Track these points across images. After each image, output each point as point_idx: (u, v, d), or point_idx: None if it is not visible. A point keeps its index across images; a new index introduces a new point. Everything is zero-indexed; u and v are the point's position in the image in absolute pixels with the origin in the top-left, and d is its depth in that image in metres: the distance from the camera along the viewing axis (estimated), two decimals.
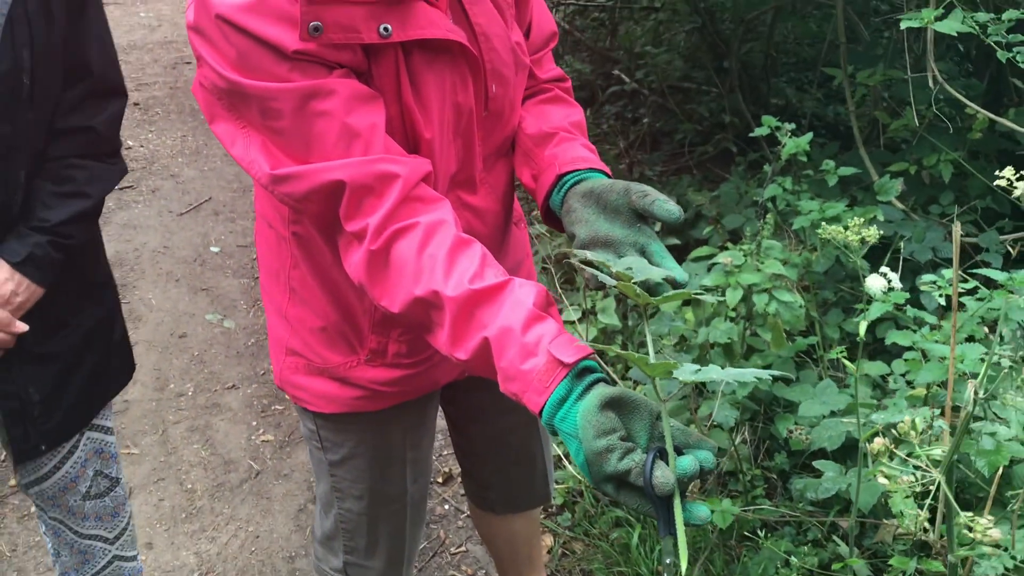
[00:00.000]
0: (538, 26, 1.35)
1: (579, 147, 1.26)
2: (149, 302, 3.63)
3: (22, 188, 1.38)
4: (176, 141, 5.31)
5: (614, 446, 0.85)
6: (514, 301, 0.97)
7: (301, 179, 1.05)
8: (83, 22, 1.41)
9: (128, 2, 8.47)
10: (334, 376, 1.35)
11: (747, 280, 2.21)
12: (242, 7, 1.00)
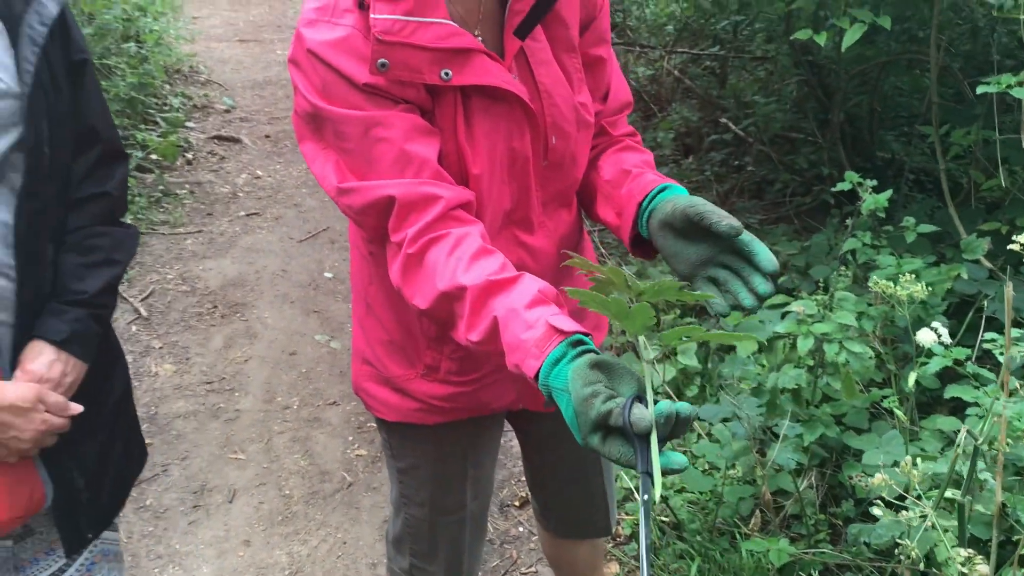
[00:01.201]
0: (615, 95, 1.47)
1: (650, 175, 1.37)
2: (265, 321, 3.91)
3: (51, 264, 1.37)
4: (301, 172, 5.67)
5: (599, 392, 0.96)
6: (523, 289, 1.11)
7: (360, 193, 1.22)
8: (84, 90, 1.41)
9: (267, 41, 9.04)
10: (395, 387, 1.51)
11: (818, 329, 2.28)
12: (327, 43, 1.19)
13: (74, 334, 1.35)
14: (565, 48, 1.34)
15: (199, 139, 6.10)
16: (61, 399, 1.33)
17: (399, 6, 1.18)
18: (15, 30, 1.26)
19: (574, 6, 1.34)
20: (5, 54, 1.26)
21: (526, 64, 1.30)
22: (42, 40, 1.28)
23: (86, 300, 1.37)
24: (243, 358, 3.62)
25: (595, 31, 1.38)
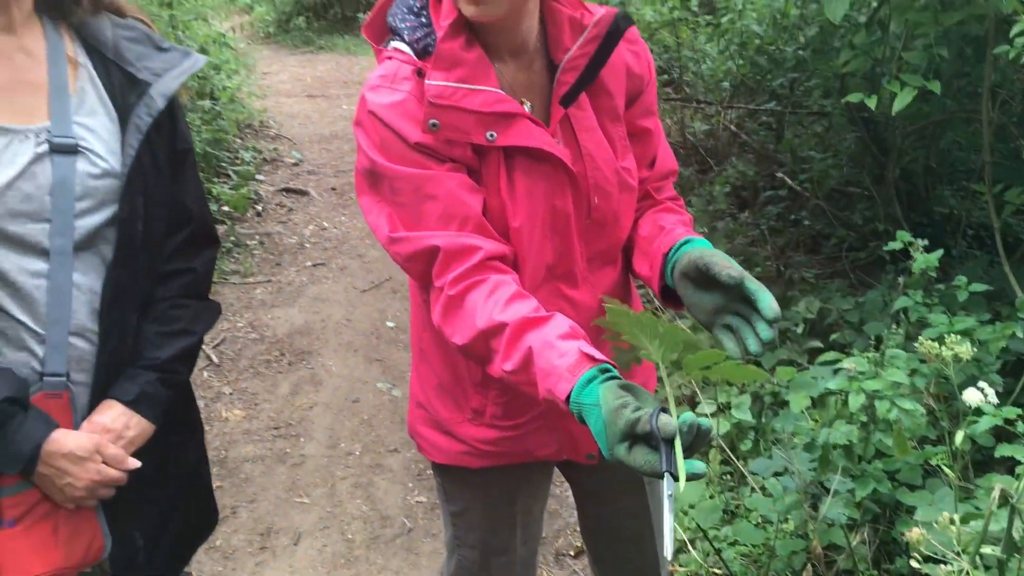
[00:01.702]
0: (661, 163, 1.57)
1: (680, 230, 1.46)
2: (329, 368, 4.06)
3: (133, 331, 1.44)
4: (365, 224, 5.84)
5: (628, 403, 1.08)
6: (556, 324, 1.24)
7: (408, 242, 1.35)
8: (183, 175, 1.51)
9: (334, 96, 9.37)
10: (444, 430, 1.60)
11: (870, 386, 2.33)
12: (386, 105, 1.33)
13: (142, 395, 1.43)
14: (610, 117, 1.46)
15: (268, 191, 6.34)
16: (119, 452, 1.39)
17: (452, 74, 1.32)
18: (125, 119, 1.41)
19: (620, 79, 1.46)
20: (114, 139, 1.40)
21: (571, 130, 1.42)
22: (146, 128, 1.41)
23: (157, 365, 1.45)
24: (308, 404, 3.76)
25: (642, 104, 1.49)
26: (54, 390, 1.35)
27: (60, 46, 1.40)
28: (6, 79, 1.33)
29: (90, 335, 1.39)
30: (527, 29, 1.39)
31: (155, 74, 1.43)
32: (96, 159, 1.36)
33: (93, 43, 1.43)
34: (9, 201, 1.28)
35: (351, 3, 12.28)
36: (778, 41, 5.45)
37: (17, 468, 1.31)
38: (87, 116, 1.38)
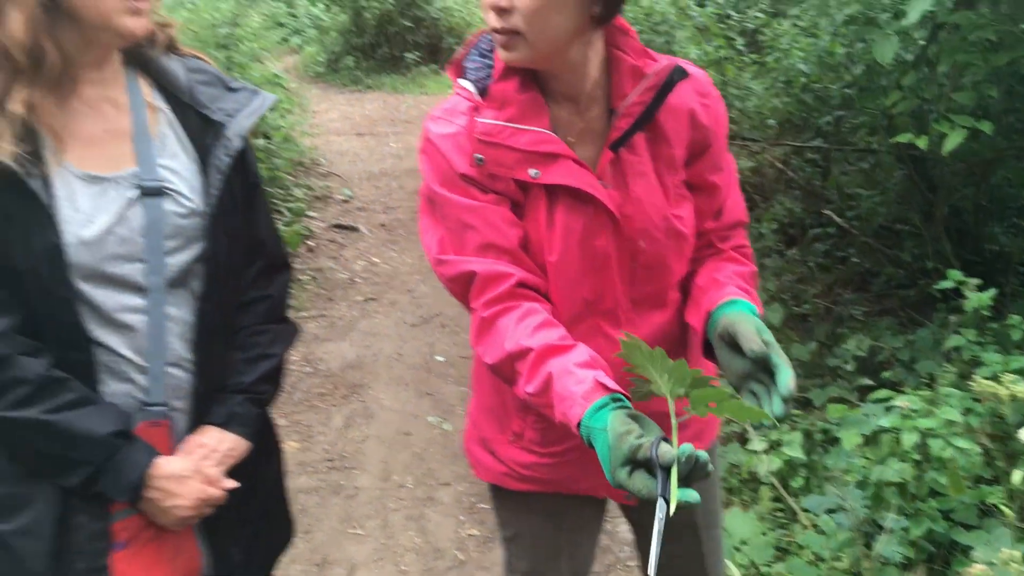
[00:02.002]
0: (728, 214, 1.59)
1: (731, 288, 1.49)
2: (381, 402, 4.13)
3: (222, 358, 1.53)
4: (415, 260, 5.96)
5: (632, 430, 1.16)
6: (577, 353, 1.33)
7: (451, 265, 1.45)
8: (255, 208, 1.59)
9: (382, 134, 9.54)
10: (489, 448, 1.68)
11: (923, 425, 2.34)
12: (442, 136, 1.45)
13: (232, 415, 1.52)
14: (666, 164, 1.49)
15: (320, 227, 6.48)
16: (217, 472, 1.47)
17: (503, 113, 1.42)
18: (206, 160, 1.49)
19: (682, 129, 1.49)
20: (195, 179, 1.48)
21: (622, 174, 1.47)
22: (226, 168, 1.49)
23: (244, 387, 1.54)
24: (361, 437, 3.83)
25: (710, 159, 1.52)
26: (156, 419, 1.44)
27: (140, 93, 1.48)
28: (97, 130, 1.41)
29: (186, 364, 1.47)
30: (582, 76, 1.45)
31: (228, 115, 1.51)
32: (182, 199, 1.45)
33: (169, 88, 1.51)
34: (109, 246, 1.37)
35: (398, 43, 12.52)
36: (824, 79, 5.48)
37: (127, 496, 1.39)
38: (169, 159, 1.47)
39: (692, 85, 1.49)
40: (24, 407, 1.32)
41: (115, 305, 1.39)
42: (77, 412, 1.35)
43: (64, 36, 1.32)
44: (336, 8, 12.90)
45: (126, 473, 1.38)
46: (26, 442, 1.36)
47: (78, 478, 1.36)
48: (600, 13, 1.39)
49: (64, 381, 1.35)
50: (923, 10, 2.43)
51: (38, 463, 1.38)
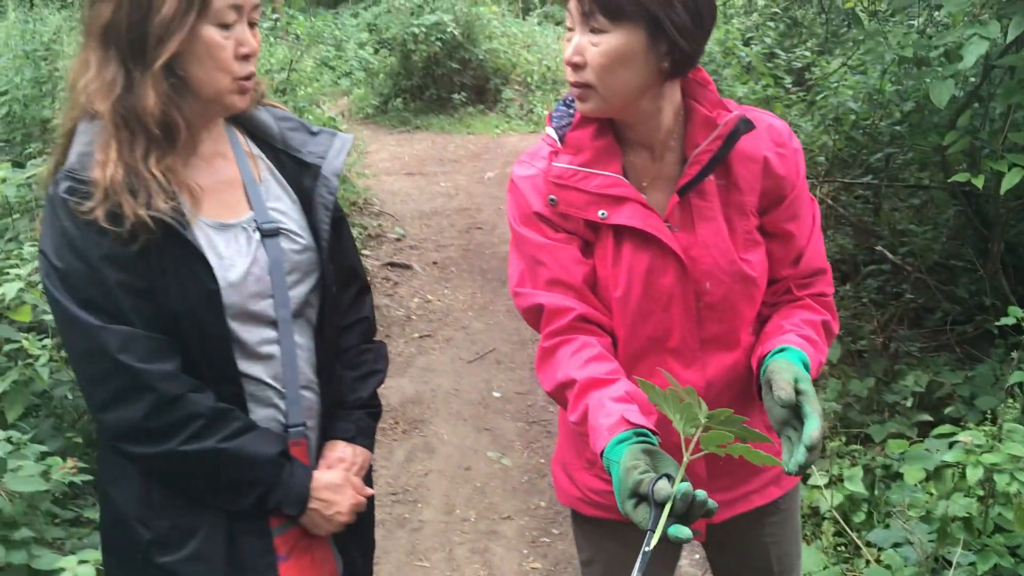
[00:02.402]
0: (807, 262, 1.63)
1: (788, 335, 1.53)
2: (441, 436, 4.22)
3: (338, 378, 1.66)
4: (467, 297, 6.07)
5: (639, 466, 1.24)
6: (615, 388, 1.43)
7: (523, 297, 1.57)
8: (344, 238, 1.71)
9: (431, 173, 9.71)
10: (567, 472, 1.76)
11: (987, 460, 2.37)
12: (522, 177, 1.58)
13: (359, 430, 1.67)
14: (737, 210, 1.56)
15: (374, 266, 6.62)
16: (359, 481, 1.63)
17: (577, 158, 1.53)
18: (308, 200, 1.62)
19: (754, 177, 1.56)
20: (300, 217, 1.61)
21: (691, 217, 1.55)
22: (331, 205, 1.62)
23: (363, 403, 1.69)
24: (423, 471, 3.92)
25: (788, 209, 1.58)
26: (297, 438, 1.58)
27: (240, 145, 1.62)
28: (214, 181, 1.54)
29: (314, 387, 1.62)
30: (654, 127, 1.55)
31: (319, 156, 1.64)
32: (295, 237, 1.58)
33: (263, 137, 1.65)
34: (249, 286, 1.50)
35: (446, 85, 12.75)
36: (873, 117, 5.52)
37: (297, 509, 1.53)
38: (275, 201, 1.60)
39: (770, 135, 1.56)
40: (200, 440, 1.44)
41: (256, 339, 1.52)
42: (245, 438, 1.48)
43: (187, 108, 1.45)
44: (385, 51, 13.20)
45: (294, 488, 1.52)
46: (202, 471, 1.48)
47: (251, 498, 1.49)
48: (669, 68, 1.48)
49: (229, 411, 1.48)
50: (979, 54, 2.50)
51: (213, 490, 1.50)
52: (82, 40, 1.48)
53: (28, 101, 5.65)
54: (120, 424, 1.44)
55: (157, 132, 1.41)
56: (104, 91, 1.41)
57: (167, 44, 1.38)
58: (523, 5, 16.29)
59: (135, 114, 1.40)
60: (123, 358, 1.40)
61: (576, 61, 1.47)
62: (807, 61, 6.75)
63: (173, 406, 1.43)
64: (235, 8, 1.42)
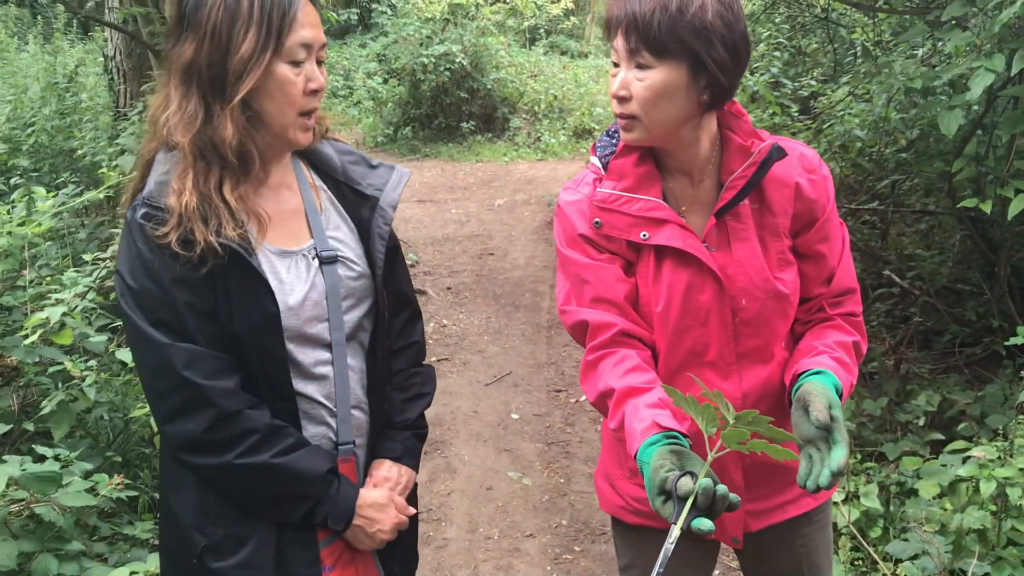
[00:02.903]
0: (838, 281, 1.73)
1: (822, 357, 1.63)
2: (463, 457, 4.31)
3: (387, 399, 1.75)
4: (482, 321, 6.18)
5: (665, 464, 1.35)
6: (650, 395, 1.53)
7: (569, 314, 1.69)
8: (398, 266, 1.80)
9: (442, 200, 9.86)
10: (611, 482, 1.85)
11: (1000, 474, 2.46)
12: (568, 202, 1.71)
13: (405, 450, 1.74)
14: (771, 232, 1.68)
15: None
16: (402, 501, 1.71)
17: (620, 184, 1.66)
18: (366, 230, 1.72)
19: (786, 200, 1.67)
20: (357, 245, 1.71)
21: (727, 238, 1.67)
22: (387, 235, 1.72)
23: (410, 424, 1.77)
24: (446, 491, 4.01)
25: (819, 231, 1.69)
26: (346, 456, 1.66)
27: (304, 176, 1.72)
28: (279, 210, 1.64)
29: (364, 407, 1.70)
30: (693, 155, 1.66)
31: (377, 189, 1.74)
32: (351, 264, 1.68)
33: (326, 169, 1.75)
34: (306, 310, 1.60)
35: (454, 114, 12.94)
36: (879, 144, 5.65)
37: (343, 524, 1.61)
38: (334, 230, 1.70)
39: (801, 163, 1.68)
40: (256, 454, 1.52)
41: (312, 360, 1.61)
42: (298, 454, 1.56)
43: (260, 139, 1.57)
44: (394, 81, 13.40)
45: (341, 504, 1.60)
46: (256, 484, 1.56)
47: (301, 512, 1.57)
48: (708, 101, 1.60)
49: (283, 428, 1.57)
50: (985, 85, 2.62)
51: (265, 502, 1.58)
52: (163, 78, 1.60)
53: (54, 132, 5.80)
54: (182, 436, 1.53)
55: (234, 161, 1.52)
56: (185, 124, 1.52)
57: (245, 81, 1.49)
58: (529, 36, 16.51)
59: (213, 145, 1.51)
60: (187, 374, 1.49)
61: (622, 95, 1.59)
62: (813, 90, 6.90)
63: (231, 421, 1.52)
64: (305, 47, 1.54)
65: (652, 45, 1.53)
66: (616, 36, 1.60)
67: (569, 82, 14.20)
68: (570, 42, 17.54)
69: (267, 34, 1.50)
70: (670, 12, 1.51)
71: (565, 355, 5.57)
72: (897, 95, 4.77)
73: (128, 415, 3.30)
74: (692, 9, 1.51)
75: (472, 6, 13.30)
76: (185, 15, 1.53)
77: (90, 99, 6.83)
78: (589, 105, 13.10)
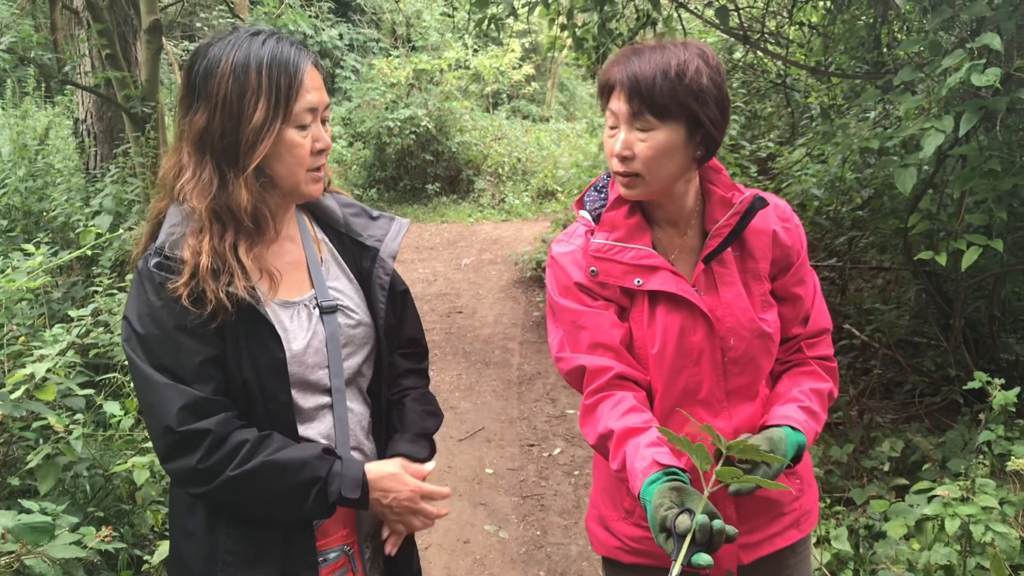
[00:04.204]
0: (814, 322, 1.86)
1: (793, 408, 1.75)
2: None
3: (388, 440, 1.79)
4: (453, 378, 6.24)
5: (664, 503, 1.42)
6: (648, 435, 1.61)
7: (566, 361, 1.77)
8: (407, 311, 1.89)
9: (409, 260, 9.94)
10: (604, 525, 1.92)
11: (963, 511, 2.57)
12: (562, 253, 1.81)
13: (429, 455, 1.79)
14: (753, 276, 1.80)
15: None
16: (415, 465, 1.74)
17: (613, 234, 1.77)
18: (367, 280, 1.80)
19: (766, 246, 1.81)
20: (356, 295, 1.79)
21: (714, 282, 1.79)
22: (387, 285, 1.80)
23: (428, 434, 1.82)
24: (424, 545, 4.02)
25: (795, 275, 1.82)
26: None
27: (307, 228, 1.81)
28: (282, 262, 1.72)
29: (365, 449, 1.76)
30: (680, 206, 1.79)
31: (378, 240, 1.82)
32: (351, 313, 1.75)
33: (328, 221, 1.84)
34: (308, 357, 1.67)
35: (419, 176, 13.13)
36: (835, 203, 5.87)
37: (358, 492, 1.61)
38: (334, 280, 1.78)
39: (776, 212, 1.83)
40: (249, 460, 1.56)
41: (313, 404, 1.68)
42: (291, 448, 1.60)
43: (272, 200, 1.66)
44: (359, 144, 13.57)
45: (348, 474, 1.62)
46: (261, 487, 1.58)
47: (312, 495, 1.59)
48: (701, 156, 1.74)
49: (270, 434, 1.60)
50: (936, 144, 2.80)
51: (275, 500, 1.59)
52: (175, 143, 1.67)
53: (26, 193, 5.82)
54: (181, 471, 1.58)
55: (250, 225, 1.60)
56: (201, 190, 1.59)
57: (258, 149, 1.57)
58: (492, 100, 16.85)
59: (229, 210, 1.58)
60: (184, 415, 1.55)
61: (626, 154, 1.70)
62: (770, 151, 7.15)
63: (223, 443, 1.56)
64: (311, 111, 1.63)
65: (655, 108, 1.65)
66: (616, 99, 1.71)
67: (532, 145, 14.48)
68: (532, 107, 17.91)
69: (276, 103, 1.57)
70: (670, 78, 1.64)
71: (537, 410, 5.65)
72: (852, 156, 4.99)
73: (109, 471, 3.30)
74: (689, 73, 1.65)
75: (436, 71, 13.59)
76: (196, 85, 1.60)
77: (60, 161, 6.86)
78: (552, 167, 13.36)
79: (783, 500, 1.86)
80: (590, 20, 5.24)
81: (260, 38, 1.60)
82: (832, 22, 5.11)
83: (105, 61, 5.88)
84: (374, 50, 16.81)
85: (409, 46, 15.85)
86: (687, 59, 1.66)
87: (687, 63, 1.65)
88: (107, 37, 5.69)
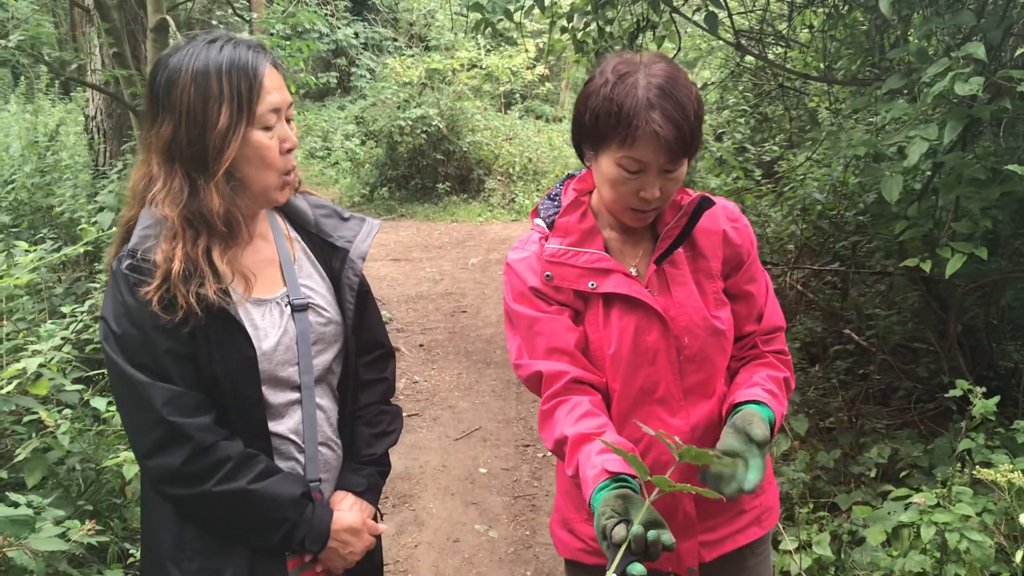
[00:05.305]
0: (767, 319, 1.90)
1: (755, 389, 1.77)
2: (430, 510, 4.37)
3: (355, 437, 1.86)
4: (453, 378, 6.27)
5: (606, 512, 1.45)
6: (599, 441, 1.61)
7: (524, 367, 1.79)
8: (369, 310, 1.93)
9: (416, 259, 10.00)
10: (568, 527, 1.94)
11: (939, 519, 2.58)
12: (517, 260, 1.84)
13: (369, 486, 1.84)
14: (705, 275, 1.84)
15: None
16: (372, 523, 1.83)
17: (567, 239, 1.81)
18: (337, 280, 1.84)
19: (716, 246, 1.84)
20: (328, 293, 1.83)
21: (666, 283, 1.81)
22: (356, 285, 1.85)
23: (376, 460, 1.87)
24: (413, 543, 4.06)
25: (746, 273, 1.86)
26: (312, 492, 1.75)
27: (279, 228, 1.85)
28: (255, 260, 1.75)
29: (333, 445, 1.81)
30: None
31: (348, 240, 1.87)
32: (321, 311, 1.79)
33: (299, 221, 1.88)
34: (279, 354, 1.71)
35: (430, 175, 13.18)
36: (839, 207, 5.87)
37: (319, 545, 1.70)
38: (306, 279, 1.82)
39: (724, 212, 1.87)
40: (232, 480, 1.61)
41: (282, 400, 1.72)
42: (273, 479, 1.66)
43: (243, 203, 1.69)
44: (371, 142, 13.64)
45: (317, 526, 1.70)
46: (234, 511, 1.64)
47: (279, 535, 1.66)
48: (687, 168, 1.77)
49: (255, 455, 1.67)
50: (920, 153, 2.80)
51: (244, 528, 1.66)
52: (143, 155, 1.70)
53: (34, 189, 5.90)
54: (161, 470, 1.62)
55: (223, 229, 1.64)
56: (172, 199, 1.62)
57: (225, 153, 1.60)
58: (505, 100, 16.88)
59: (201, 215, 1.62)
60: (166, 412, 1.59)
61: (659, 194, 1.72)
62: (775, 155, 7.14)
63: (208, 452, 1.61)
64: (274, 111, 1.66)
65: (689, 151, 1.69)
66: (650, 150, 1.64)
67: (544, 145, 14.50)
68: (545, 107, 17.94)
69: (239, 106, 1.60)
70: (691, 122, 1.66)
71: (534, 410, 5.67)
72: (852, 160, 4.98)
73: (100, 465, 3.35)
74: (698, 110, 1.68)
75: (449, 71, 13.64)
76: (159, 97, 1.63)
77: (70, 157, 6.95)
78: (563, 168, 13.37)
79: (743, 497, 1.88)
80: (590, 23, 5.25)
81: (217, 44, 1.63)
82: (833, 27, 5.10)
83: (113, 59, 5.94)
84: (389, 49, 16.90)
85: (423, 45, 15.90)
86: (694, 90, 1.68)
87: (695, 94, 1.68)
88: (115, 35, 5.75)
